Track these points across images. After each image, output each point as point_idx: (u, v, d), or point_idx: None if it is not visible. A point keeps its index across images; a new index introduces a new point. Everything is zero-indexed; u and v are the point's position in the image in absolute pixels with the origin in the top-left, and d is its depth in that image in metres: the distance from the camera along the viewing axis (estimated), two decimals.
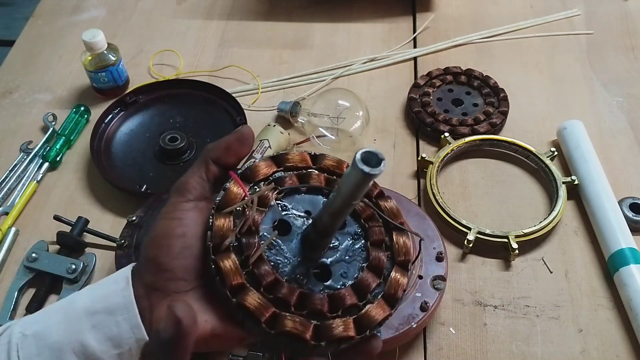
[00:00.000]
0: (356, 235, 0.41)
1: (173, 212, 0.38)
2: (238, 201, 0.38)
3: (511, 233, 0.69)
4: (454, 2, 1.07)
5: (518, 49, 0.97)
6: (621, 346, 0.63)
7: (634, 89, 0.90)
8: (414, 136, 0.84)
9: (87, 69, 0.88)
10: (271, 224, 0.39)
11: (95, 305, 0.37)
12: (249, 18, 1.05)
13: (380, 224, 0.41)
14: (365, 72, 0.94)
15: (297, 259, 0.39)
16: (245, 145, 0.40)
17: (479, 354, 0.62)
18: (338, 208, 0.36)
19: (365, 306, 0.38)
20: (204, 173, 0.39)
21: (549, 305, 0.66)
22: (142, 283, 0.37)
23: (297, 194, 0.41)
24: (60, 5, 1.10)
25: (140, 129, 0.85)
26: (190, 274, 0.37)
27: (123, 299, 0.37)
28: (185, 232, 0.37)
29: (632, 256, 0.66)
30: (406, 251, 0.41)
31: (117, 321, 0.36)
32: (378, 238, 0.41)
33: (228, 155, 0.40)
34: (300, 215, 0.40)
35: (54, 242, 0.71)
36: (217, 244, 0.37)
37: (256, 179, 0.40)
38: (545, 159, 0.77)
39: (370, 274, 0.39)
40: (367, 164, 0.32)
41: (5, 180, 0.80)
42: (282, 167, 0.42)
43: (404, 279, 0.40)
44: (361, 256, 0.40)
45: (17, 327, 0.38)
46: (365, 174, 0.32)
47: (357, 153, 0.32)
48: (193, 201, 0.38)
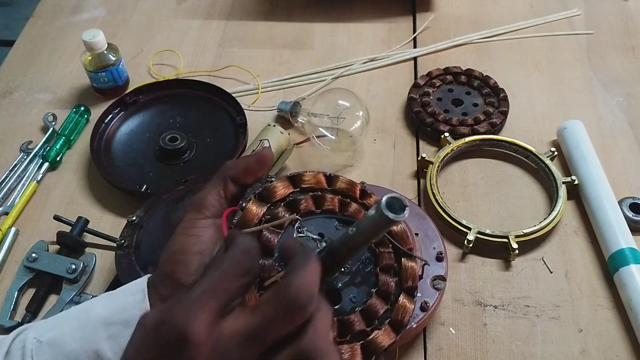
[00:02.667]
0: (366, 260, 0.42)
1: (191, 229, 0.38)
2: (256, 220, 0.39)
3: (511, 233, 0.69)
4: (454, 2, 1.07)
5: (518, 49, 0.97)
6: (621, 346, 0.63)
7: (634, 89, 0.90)
8: (414, 136, 0.84)
9: (87, 69, 0.88)
10: None
11: (112, 316, 0.37)
12: (249, 18, 1.05)
13: (389, 250, 0.42)
14: (365, 72, 0.94)
15: None
16: (263, 168, 0.40)
17: (479, 354, 0.62)
18: (356, 245, 0.37)
19: (372, 332, 0.39)
20: (221, 190, 0.40)
21: (549, 305, 0.66)
22: (159, 296, 0.38)
23: (311, 216, 0.42)
24: (60, 5, 1.10)
25: (140, 129, 0.85)
26: None
27: (140, 312, 0.37)
28: (203, 250, 0.38)
29: (632, 256, 0.66)
30: (414, 278, 0.42)
31: None
32: (387, 263, 0.41)
33: (246, 175, 0.40)
34: (314, 238, 0.41)
35: (54, 242, 0.71)
36: None
37: (273, 200, 0.41)
38: (545, 159, 0.77)
39: (378, 299, 0.40)
40: (391, 208, 0.33)
41: (5, 180, 0.80)
42: (297, 187, 0.42)
43: (411, 306, 0.41)
44: (370, 281, 0.41)
45: (31, 332, 0.38)
46: (389, 220, 0.33)
47: (383, 199, 0.33)
48: (211, 218, 0.39)
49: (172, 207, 0.66)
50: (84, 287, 0.68)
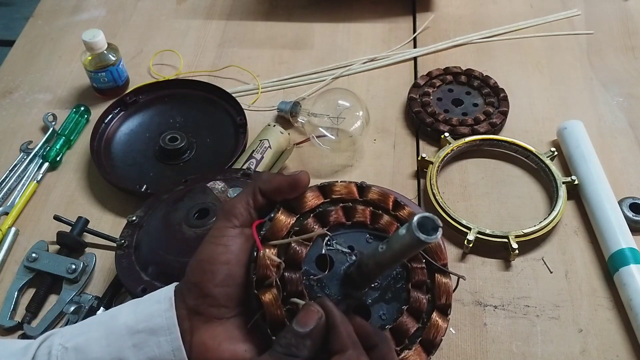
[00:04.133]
0: (397, 276, 0.40)
1: (220, 238, 0.38)
2: (285, 232, 0.38)
3: (511, 233, 0.69)
4: (454, 2, 1.07)
5: (518, 49, 0.97)
6: (621, 346, 0.63)
7: (634, 89, 0.90)
8: (414, 136, 0.84)
9: (87, 69, 0.88)
10: (315, 258, 0.39)
11: (138, 325, 0.37)
12: (249, 18, 1.05)
13: (422, 265, 0.41)
14: (365, 72, 0.94)
15: (337, 297, 0.38)
16: (295, 192, 0.40)
17: (479, 354, 0.62)
18: (386, 262, 0.36)
19: (402, 351, 0.38)
20: (251, 200, 0.39)
21: (549, 305, 0.66)
22: (185, 305, 0.37)
23: (342, 228, 0.41)
24: (60, 5, 1.10)
25: (140, 129, 0.85)
26: (233, 301, 0.37)
27: (166, 320, 0.37)
28: (230, 260, 0.37)
29: (632, 256, 0.66)
30: (447, 294, 0.40)
31: (159, 342, 0.36)
32: (420, 279, 0.40)
33: (276, 193, 0.40)
34: (344, 251, 0.40)
35: (54, 242, 0.71)
36: (260, 278, 0.37)
37: (302, 211, 0.40)
38: (545, 159, 0.77)
39: (409, 318, 0.39)
40: (422, 229, 0.32)
41: (5, 180, 0.80)
42: (328, 198, 0.41)
43: (444, 325, 0.39)
44: (401, 297, 0.40)
45: (57, 338, 0.38)
46: (420, 241, 0.31)
47: (414, 218, 0.32)
48: (239, 227, 0.39)
49: (172, 207, 0.66)
50: (84, 287, 0.68)
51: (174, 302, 0.38)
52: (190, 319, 0.37)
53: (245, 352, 0.37)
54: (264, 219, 0.39)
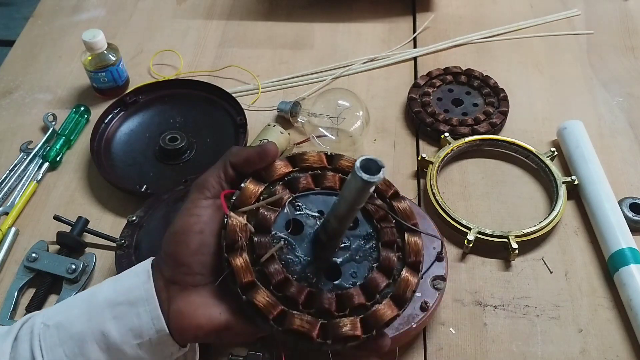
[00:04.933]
0: (368, 236, 0.41)
1: (192, 209, 0.39)
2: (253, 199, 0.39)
3: (511, 233, 0.69)
4: (454, 2, 1.07)
5: (518, 49, 0.97)
6: (621, 346, 0.63)
7: (634, 89, 0.90)
8: (414, 136, 0.84)
9: (87, 69, 0.88)
10: (284, 223, 0.40)
11: (118, 297, 0.38)
12: (249, 18, 1.05)
13: (392, 225, 0.42)
14: (365, 72, 0.94)
15: (308, 258, 0.39)
16: (264, 162, 0.41)
17: (479, 354, 0.62)
18: (343, 213, 0.37)
19: (373, 306, 0.39)
20: (222, 173, 0.41)
21: (549, 305, 0.66)
22: (162, 276, 0.39)
23: (311, 193, 0.42)
24: (60, 5, 1.10)
25: (140, 129, 0.85)
26: (207, 269, 0.39)
27: (145, 292, 0.38)
28: (203, 229, 0.39)
29: (632, 256, 0.66)
30: (417, 252, 0.41)
31: (138, 313, 0.38)
32: (389, 239, 0.41)
33: (246, 165, 0.41)
34: (314, 215, 0.41)
35: (54, 242, 0.71)
36: (230, 243, 0.38)
37: (272, 179, 0.41)
38: (545, 159, 0.77)
39: (379, 274, 0.40)
40: (366, 171, 0.32)
41: (5, 180, 0.80)
42: (297, 167, 0.42)
43: (414, 280, 0.40)
44: (372, 256, 0.41)
45: (39, 317, 0.39)
46: (364, 181, 0.32)
47: (357, 160, 0.33)
48: (211, 199, 0.40)
49: (172, 207, 0.66)
50: (84, 287, 0.68)
51: (151, 274, 0.39)
52: (168, 289, 0.38)
53: (220, 315, 0.38)
54: (233, 190, 0.41)
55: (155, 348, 0.38)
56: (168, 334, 0.38)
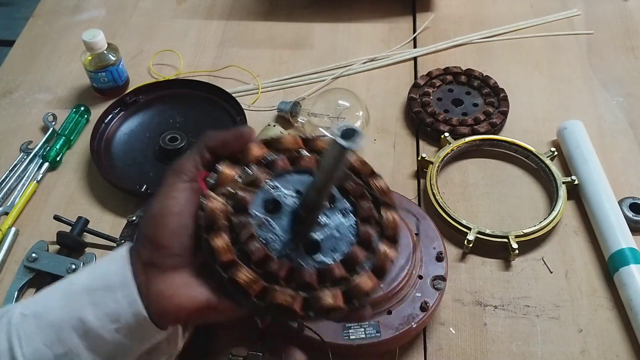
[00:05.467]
0: (346, 212, 0.42)
1: (170, 192, 0.39)
2: (230, 181, 0.40)
3: (511, 233, 0.69)
4: (454, 2, 1.07)
5: (518, 49, 0.97)
6: (621, 346, 0.63)
7: (634, 89, 0.90)
8: (414, 136, 0.84)
9: (87, 69, 0.88)
10: (262, 203, 0.41)
11: (94, 283, 0.38)
12: (249, 18, 1.05)
13: (369, 201, 0.43)
14: (365, 72, 0.94)
15: (287, 236, 0.40)
16: (240, 144, 0.41)
17: (479, 354, 0.62)
18: (321, 183, 0.37)
19: (354, 277, 0.40)
20: (198, 157, 0.41)
21: (549, 305, 0.66)
22: (140, 260, 0.39)
23: (288, 174, 0.42)
24: (60, 5, 1.10)
25: (140, 129, 0.85)
26: (186, 250, 0.39)
27: (121, 277, 0.38)
28: (181, 211, 0.39)
29: (632, 256, 0.66)
30: (395, 226, 0.42)
31: (115, 297, 0.38)
32: (367, 214, 0.42)
33: (222, 148, 0.41)
34: (291, 195, 0.41)
35: (54, 242, 0.71)
36: (209, 224, 0.38)
37: (248, 161, 0.41)
38: (545, 159, 0.77)
39: (359, 248, 0.41)
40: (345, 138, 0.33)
41: (5, 180, 0.80)
42: (273, 149, 0.43)
43: (393, 252, 0.41)
44: (351, 232, 0.42)
45: (17, 308, 0.39)
46: (342, 147, 0.33)
47: (335, 128, 0.33)
48: (188, 182, 0.40)
49: None
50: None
51: (128, 259, 0.39)
52: (146, 272, 0.38)
53: (201, 294, 0.38)
54: (210, 172, 0.41)
55: (134, 332, 0.38)
56: (146, 317, 0.38)
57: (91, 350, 0.38)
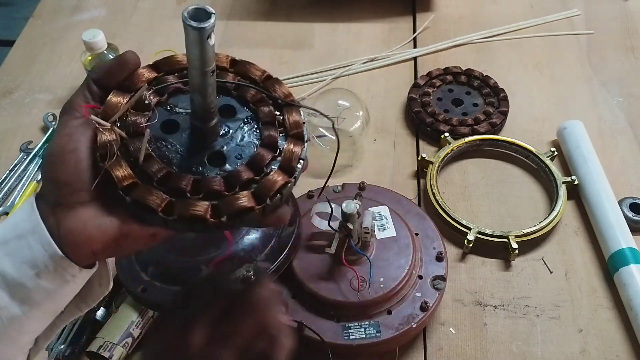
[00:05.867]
0: (247, 120, 0.42)
1: (63, 130, 0.39)
2: (119, 109, 0.39)
3: (511, 233, 0.69)
4: (454, 2, 1.07)
5: (518, 49, 0.97)
6: (621, 346, 0.63)
7: (634, 89, 0.90)
8: (414, 136, 0.84)
9: (87, 69, 0.88)
10: (159, 125, 0.40)
11: (6, 235, 0.39)
12: (249, 18, 1.05)
13: (269, 105, 0.42)
14: (365, 72, 0.94)
15: (189, 151, 0.40)
16: (125, 70, 0.41)
17: (479, 354, 0.62)
18: (198, 80, 0.37)
19: (263, 178, 0.39)
20: (87, 92, 0.41)
21: (549, 305, 0.66)
22: (46, 203, 0.39)
23: (181, 93, 0.42)
24: (60, 5, 1.10)
25: None
26: (88, 184, 0.39)
27: (30, 223, 0.38)
28: (77, 147, 0.39)
29: (632, 256, 0.66)
30: (297, 124, 0.42)
31: (28, 244, 0.38)
32: (268, 118, 0.42)
33: (108, 77, 0.41)
34: (187, 112, 0.41)
35: None
36: (103, 154, 0.38)
37: (137, 87, 0.40)
38: (545, 159, 0.77)
39: (264, 149, 0.40)
40: (196, 20, 0.33)
41: (5, 180, 0.80)
42: (163, 71, 0.42)
43: (298, 148, 0.41)
44: (255, 137, 0.41)
45: None
46: (194, 28, 0.32)
47: (184, 11, 0.33)
48: (80, 118, 0.40)
49: None
50: None
51: (35, 204, 0.39)
52: (55, 213, 0.38)
53: (110, 223, 0.38)
54: (99, 106, 0.40)
55: (54, 274, 0.38)
56: (62, 256, 0.38)
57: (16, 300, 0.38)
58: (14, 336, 0.39)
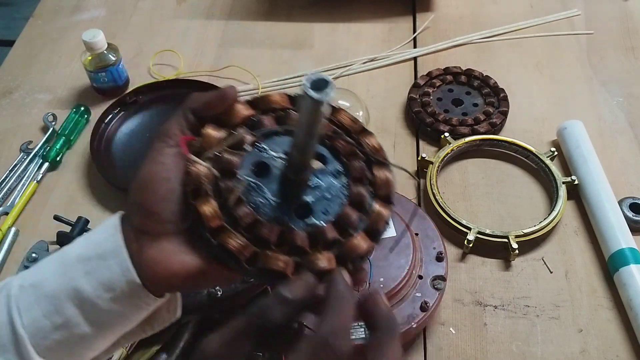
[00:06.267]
0: (338, 173, 0.41)
1: (157, 157, 0.39)
2: (215, 144, 0.39)
3: (511, 233, 0.69)
4: (454, 2, 1.07)
5: (518, 49, 0.97)
6: (621, 346, 0.63)
7: (634, 89, 0.90)
8: (414, 136, 0.84)
9: (87, 69, 0.88)
10: (250, 166, 0.39)
11: (88, 253, 0.38)
12: (249, 18, 1.05)
13: (361, 161, 0.41)
14: (365, 72, 0.94)
15: (277, 200, 0.39)
16: (224, 105, 0.40)
17: (479, 354, 0.62)
18: (302, 141, 0.36)
19: (347, 240, 0.38)
20: (183, 121, 0.40)
21: (549, 305, 0.66)
22: (131, 227, 0.38)
23: (275, 135, 0.41)
24: (60, 5, 1.10)
25: (140, 129, 0.85)
26: (176, 216, 0.38)
27: (113, 244, 0.38)
28: (169, 177, 0.38)
29: (632, 256, 0.66)
30: (388, 184, 0.41)
31: (108, 265, 0.37)
32: (359, 174, 0.41)
33: (206, 110, 0.40)
34: (280, 157, 0.40)
35: (54, 242, 0.71)
36: (195, 189, 0.38)
37: (233, 123, 0.40)
38: (545, 159, 0.77)
39: (351, 209, 0.39)
40: (316, 90, 0.32)
41: (5, 180, 0.80)
42: (260, 109, 0.42)
43: (386, 212, 0.40)
44: (343, 193, 0.40)
45: (15, 280, 0.40)
46: (313, 100, 0.32)
47: (305, 79, 0.32)
48: (174, 147, 0.39)
49: None
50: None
51: (119, 227, 0.39)
52: (138, 239, 0.38)
53: (193, 261, 0.38)
54: (194, 137, 0.40)
55: (128, 300, 0.38)
56: (140, 285, 0.37)
57: (89, 320, 0.38)
58: (81, 352, 0.39)
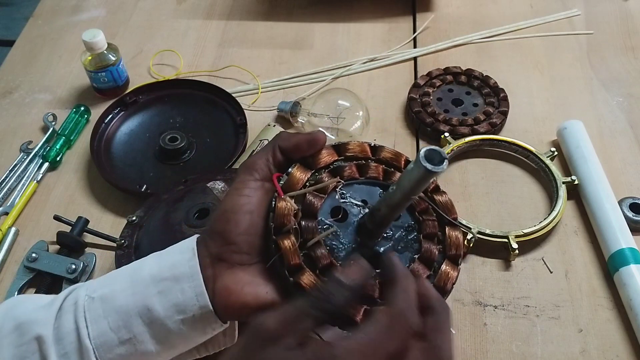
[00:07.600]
0: (410, 227, 0.42)
1: (242, 189, 0.40)
2: (300, 185, 0.41)
3: (511, 233, 0.69)
4: (454, 2, 1.07)
5: (518, 49, 0.97)
6: (621, 346, 0.63)
7: (634, 89, 0.90)
8: (414, 136, 0.84)
9: (87, 69, 0.88)
10: (329, 209, 0.41)
11: (162, 273, 0.39)
12: (249, 18, 1.05)
13: (434, 218, 0.43)
14: (365, 72, 0.94)
15: (351, 245, 0.41)
16: (312, 149, 0.42)
17: (479, 354, 0.62)
18: (397, 201, 0.37)
19: None
20: (270, 157, 0.41)
21: (549, 305, 0.66)
22: (208, 253, 0.39)
23: (355, 183, 0.43)
24: (60, 5, 1.10)
25: (140, 129, 0.85)
26: (254, 249, 0.39)
27: (189, 269, 0.39)
28: (252, 210, 0.39)
29: (632, 256, 0.66)
30: (458, 246, 0.42)
31: (182, 288, 0.38)
32: (431, 231, 0.42)
33: (294, 151, 0.42)
34: (357, 204, 0.42)
35: (54, 242, 0.71)
36: (278, 226, 0.39)
37: (317, 166, 0.42)
38: (545, 159, 0.77)
39: (421, 265, 0.41)
40: (430, 161, 0.33)
41: (5, 180, 0.80)
42: (342, 156, 0.43)
43: (454, 273, 0.41)
44: (413, 247, 0.42)
45: (82, 290, 0.40)
46: (428, 171, 0.33)
47: (421, 150, 0.33)
48: (260, 181, 0.40)
49: (172, 207, 0.66)
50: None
51: (196, 251, 0.39)
52: (214, 266, 0.39)
53: (266, 294, 0.39)
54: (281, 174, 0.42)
55: (197, 324, 0.39)
56: (211, 311, 0.38)
57: (155, 339, 0.38)
58: None
